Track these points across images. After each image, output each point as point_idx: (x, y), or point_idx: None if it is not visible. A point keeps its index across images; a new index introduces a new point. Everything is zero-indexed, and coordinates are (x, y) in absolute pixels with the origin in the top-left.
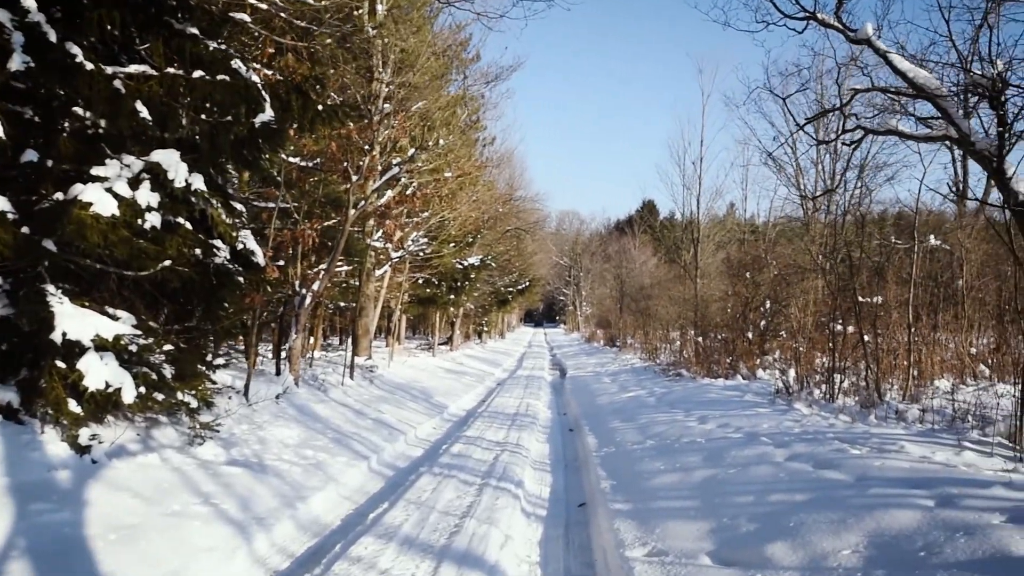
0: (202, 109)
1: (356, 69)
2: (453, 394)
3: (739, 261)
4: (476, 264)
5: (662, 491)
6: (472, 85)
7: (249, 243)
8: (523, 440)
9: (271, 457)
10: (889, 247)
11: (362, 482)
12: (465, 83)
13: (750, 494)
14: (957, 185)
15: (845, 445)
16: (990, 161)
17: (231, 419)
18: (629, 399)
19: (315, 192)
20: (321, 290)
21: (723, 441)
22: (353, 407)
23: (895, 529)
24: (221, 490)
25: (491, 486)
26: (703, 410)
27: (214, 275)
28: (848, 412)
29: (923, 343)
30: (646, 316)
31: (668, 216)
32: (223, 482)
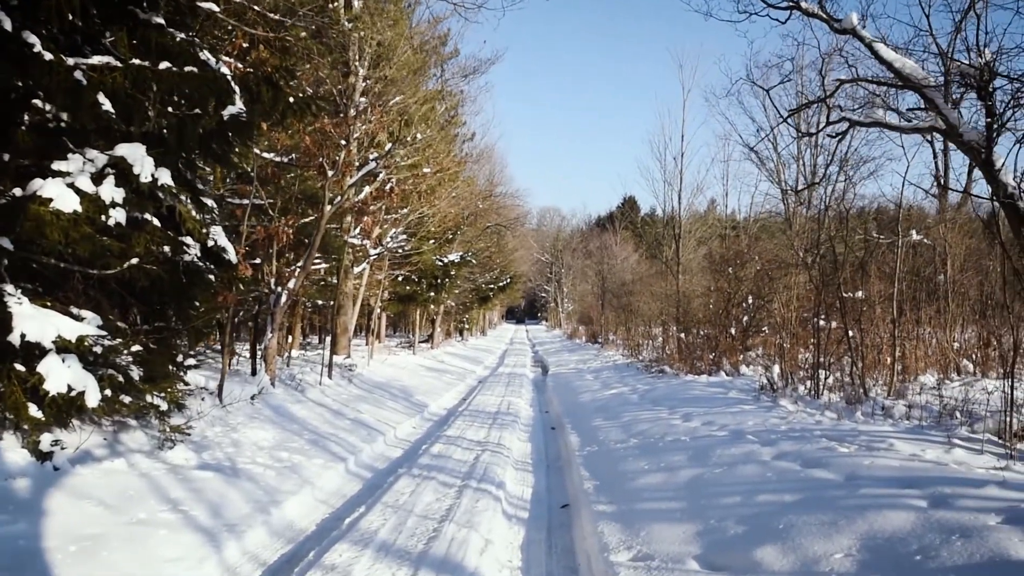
0: (169, 102)
1: (332, 63)
2: (434, 393)
3: (721, 256)
4: (456, 261)
5: (647, 492)
6: (450, 79)
7: (220, 240)
8: (504, 439)
9: (245, 460)
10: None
11: (339, 485)
12: (443, 78)
13: (737, 494)
14: (939, 180)
15: (833, 443)
16: (978, 152)
17: (204, 421)
18: (612, 396)
19: (291, 188)
20: (297, 288)
21: (708, 439)
22: (331, 407)
23: (888, 531)
24: (191, 496)
25: (471, 488)
26: (687, 407)
27: (184, 273)
28: (834, 409)
29: (907, 338)
30: (628, 312)
31: (649, 212)
32: (193, 487)
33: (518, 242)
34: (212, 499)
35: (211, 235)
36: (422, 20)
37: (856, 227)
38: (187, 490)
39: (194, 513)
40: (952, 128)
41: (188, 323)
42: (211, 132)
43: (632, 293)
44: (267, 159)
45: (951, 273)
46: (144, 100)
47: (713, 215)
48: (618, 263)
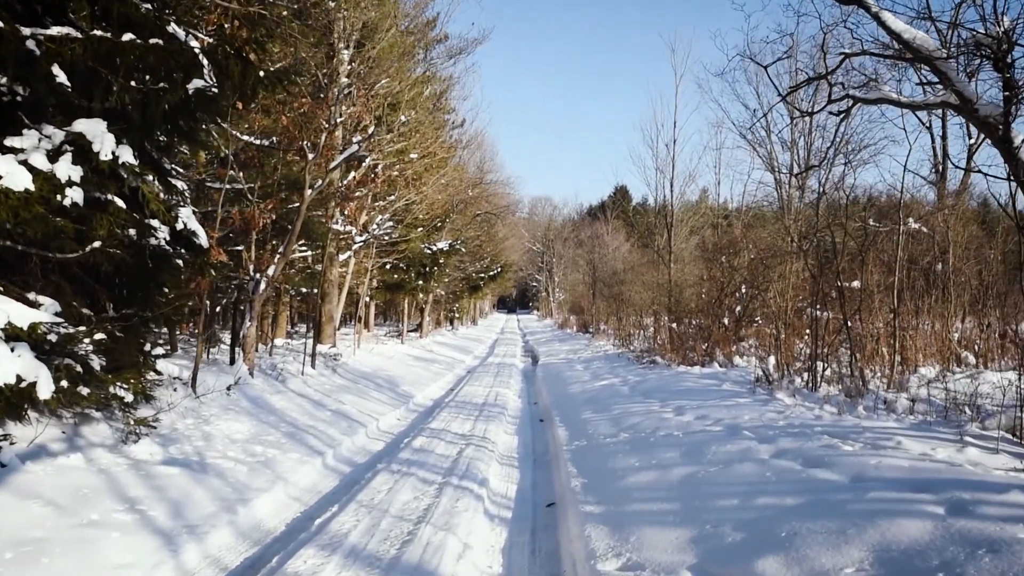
0: (133, 76)
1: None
2: (420, 383)
3: (715, 245)
4: (445, 249)
5: (637, 491)
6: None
7: (191, 223)
8: (490, 432)
9: (214, 455)
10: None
11: (314, 480)
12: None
13: (734, 496)
14: (937, 167)
15: (835, 440)
16: (995, 129)
17: (174, 413)
18: (602, 388)
19: (274, 173)
20: (276, 275)
21: (702, 435)
22: (312, 398)
23: (903, 542)
24: (152, 494)
25: (452, 485)
26: (680, 400)
27: (151, 258)
28: (833, 402)
29: (907, 329)
30: (619, 302)
31: (641, 202)
32: (155, 484)
33: (509, 231)
34: (175, 497)
35: (180, 218)
36: (408, 2)
37: (853, 215)
38: (148, 488)
39: (153, 513)
40: (966, 103)
41: (156, 310)
42: (176, 107)
43: (623, 282)
44: (246, 141)
45: (952, 261)
46: (106, 74)
47: (705, 204)
48: (609, 252)
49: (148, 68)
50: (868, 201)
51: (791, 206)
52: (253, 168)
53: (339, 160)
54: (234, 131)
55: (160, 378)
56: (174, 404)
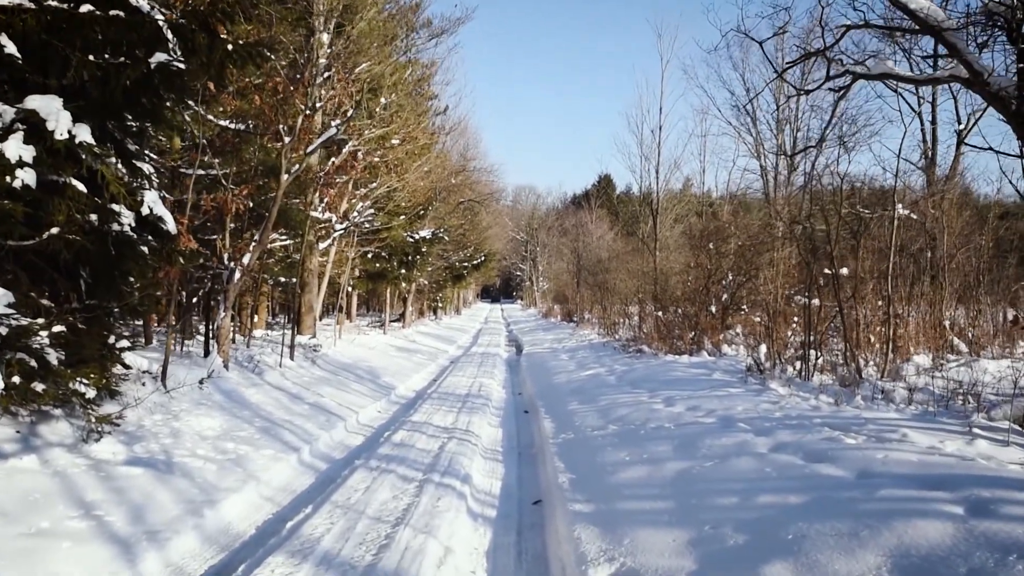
0: (91, 50)
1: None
2: (402, 374)
3: (701, 231)
4: (428, 237)
5: (628, 488)
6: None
7: (157, 208)
8: (474, 425)
9: (183, 453)
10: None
11: (289, 478)
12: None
13: (733, 494)
14: (927, 153)
15: (837, 433)
16: (1007, 103)
17: (142, 408)
18: (588, 378)
19: (251, 159)
20: (252, 264)
21: (695, 427)
22: (289, 391)
23: (924, 547)
24: (111, 497)
25: (433, 482)
26: (669, 390)
27: (114, 245)
28: (829, 392)
29: (900, 316)
30: (604, 290)
31: (625, 190)
32: (116, 487)
33: (492, 219)
34: (137, 500)
35: (146, 202)
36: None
37: (841, 202)
38: (108, 490)
39: (111, 519)
40: (977, 76)
41: (122, 300)
42: (138, 83)
43: (608, 271)
44: (221, 126)
45: (946, 248)
46: (62, 47)
47: (689, 193)
48: (594, 241)
49: (108, 42)
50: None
51: (778, 192)
52: (229, 154)
53: (317, 144)
54: (209, 115)
55: (127, 372)
56: (141, 399)
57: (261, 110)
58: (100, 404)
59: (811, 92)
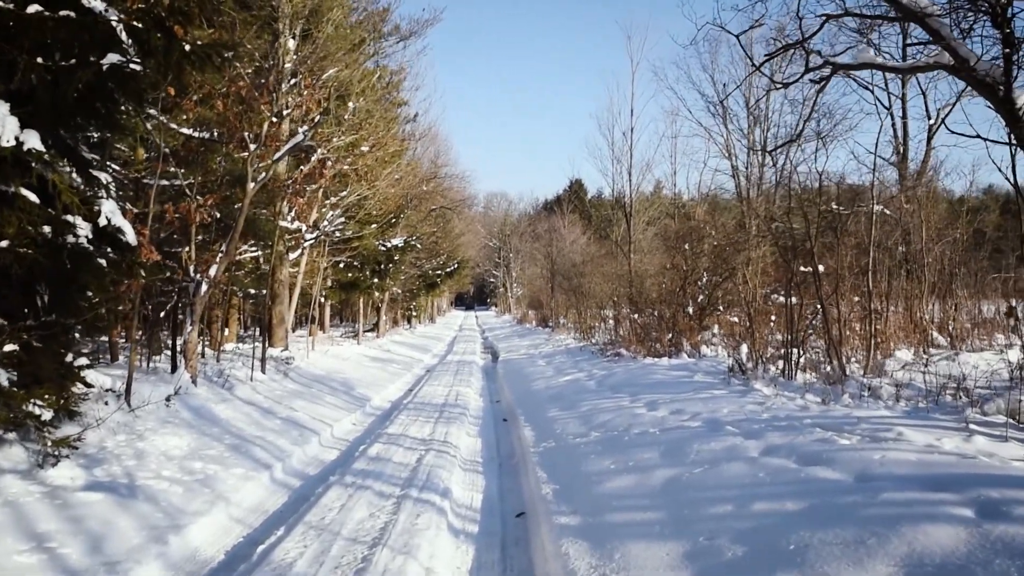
0: (40, 52)
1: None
2: (377, 384)
3: (676, 232)
4: (400, 245)
5: (616, 498)
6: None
7: (115, 219)
8: (452, 435)
9: (147, 475)
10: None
11: (261, 498)
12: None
13: (727, 502)
14: (898, 149)
15: (829, 433)
16: (995, 89)
17: (104, 429)
18: (567, 383)
19: (218, 168)
20: (219, 276)
21: (681, 431)
22: (261, 406)
23: (938, 554)
24: (67, 527)
25: (412, 498)
26: (651, 394)
27: (69, 258)
28: (815, 391)
29: (880, 312)
30: (579, 295)
31: (597, 194)
32: (73, 515)
33: (465, 226)
34: (95, 529)
35: (103, 213)
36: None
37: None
38: (64, 519)
39: (66, 551)
40: (962, 63)
41: (79, 316)
42: (91, 87)
43: (583, 275)
44: (185, 135)
45: (924, 241)
46: (9, 50)
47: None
48: (567, 245)
49: (59, 44)
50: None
51: (750, 191)
52: (195, 164)
53: (284, 151)
54: (172, 123)
55: (87, 391)
56: (103, 420)
57: (225, 117)
58: (58, 426)
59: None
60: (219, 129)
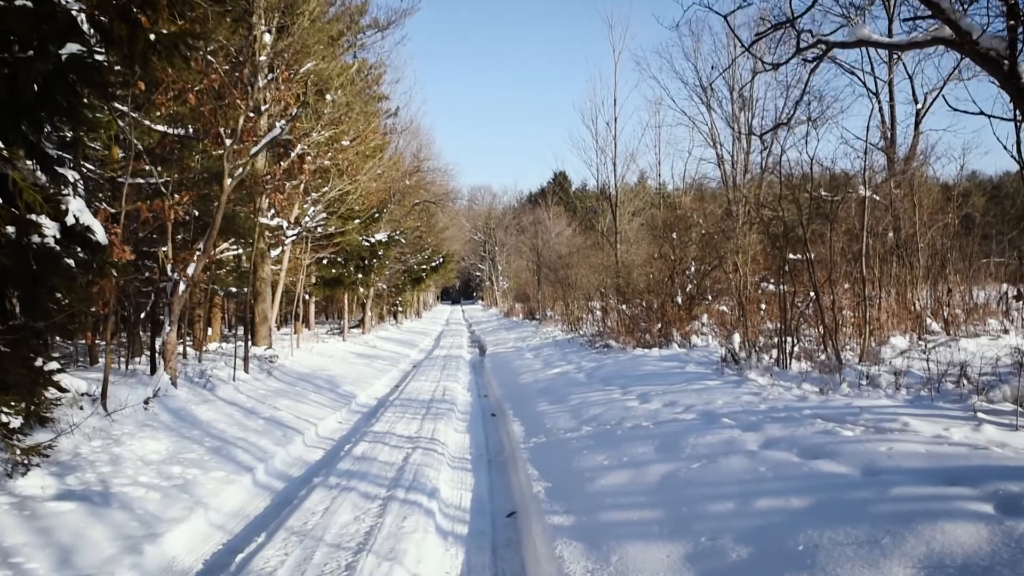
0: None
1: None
2: (363, 381)
3: (664, 221)
4: (384, 240)
5: (611, 495)
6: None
7: (84, 217)
8: (439, 432)
9: (123, 481)
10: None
11: (242, 502)
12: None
13: (728, 499)
14: (885, 134)
15: (831, 424)
16: (998, 64)
17: (79, 435)
18: (556, 376)
19: (196, 166)
20: (197, 275)
21: (675, 424)
22: (244, 406)
23: (959, 554)
24: (36, 540)
25: (398, 499)
26: (642, 386)
27: (35, 259)
28: (811, 380)
29: (873, 299)
30: (566, 286)
31: (581, 186)
32: (43, 526)
33: (449, 220)
34: (65, 541)
35: (71, 211)
36: None
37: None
38: (32, 531)
39: (32, 566)
40: (964, 36)
41: (48, 319)
42: (50, 79)
43: (569, 266)
44: (160, 132)
45: (918, 226)
46: None
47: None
48: (553, 237)
49: (15, 35)
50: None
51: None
52: (172, 162)
53: (261, 145)
54: (146, 120)
55: (60, 396)
56: (77, 425)
57: (200, 112)
58: (28, 434)
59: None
60: (194, 125)
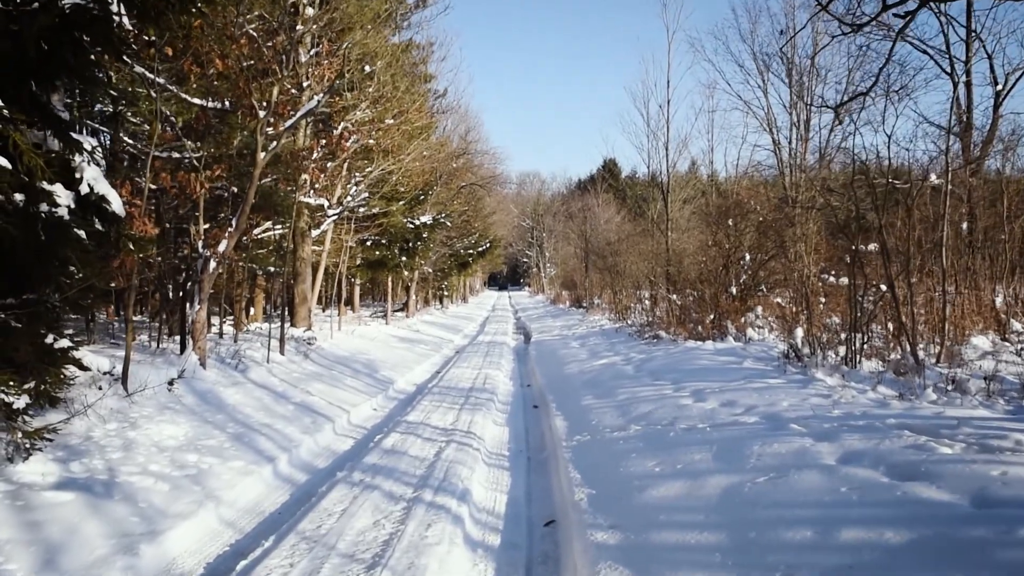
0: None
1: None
2: (403, 366)
3: (718, 207)
4: (429, 223)
5: (664, 511)
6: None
7: (99, 186)
8: (476, 424)
9: (131, 469)
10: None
11: (258, 496)
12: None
13: (804, 524)
14: (961, 117)
15: (923, 438)
16: None
17: (95, 417)
18: (603, 367)
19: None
20: (228, 251)
21: (735, 428)
22: (275, 389)
23: None
24: (23, 535)
25: (424, 502)
26: (696, 381)
27: (43, 229)
28: (888, 383)
29: (953, 294)
30: (614, 274)
31: (631, 174)
32: (33, 520)
33: (496, 204)
34: (55, 537)
35: (85, 179)
36: None
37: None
38: (22, 525)
39: (11, 567)
40: None
41: (60, 293)
42: (54, 33)
43: (618, 253)
44: (196, 104)
45: (1005, 215)
46: None
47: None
48: (601, 224)
49: None
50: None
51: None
52: (211, 136)
53: (297, 117)
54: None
55: (76, 375)
56: (91, 405)
57: (235, 83)
58: (34, 415)
59: (864, 26)
60: (228, 97)
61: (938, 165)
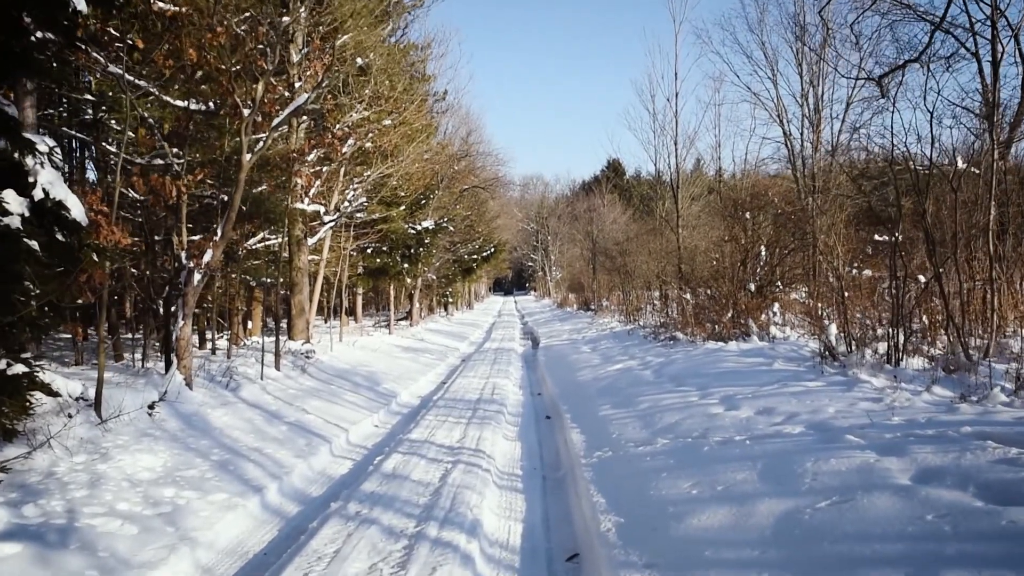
0: None
1: None
2: (406, 378)
3: (735, 201)
4: (431, 228)
5: (708, 544)
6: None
7: (56, 191)
8: (485, 441)
9: (96, 510)
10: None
11: (241, 534)
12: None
13: (890, 566)
14: (987, 98)
15: (1013, 449)
16: None
17: (60, 449)
18: (619, 373)
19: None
20: (213, 262)
21: (779, 441)
22: (268, 408)
23: None
24: None
25: (428, 539)
26: (724, 386)
27: None
28: (943, 383)
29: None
30: (623, 274)
31: (635, 174)
32: None
33: (500, 208)
34: None
35: (40, 184)
36: None
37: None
38: None
39: None
40: None
41: (13, 312)
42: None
43: (626, 253)
44: (178, 107)
45: None
46: None
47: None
48: (608, 224)
49: None
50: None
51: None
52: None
53: (284, 115)
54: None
55: (42, 402)
56: (54, 436)
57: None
58: None
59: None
60: (212, 98)
61: (962, 150)
